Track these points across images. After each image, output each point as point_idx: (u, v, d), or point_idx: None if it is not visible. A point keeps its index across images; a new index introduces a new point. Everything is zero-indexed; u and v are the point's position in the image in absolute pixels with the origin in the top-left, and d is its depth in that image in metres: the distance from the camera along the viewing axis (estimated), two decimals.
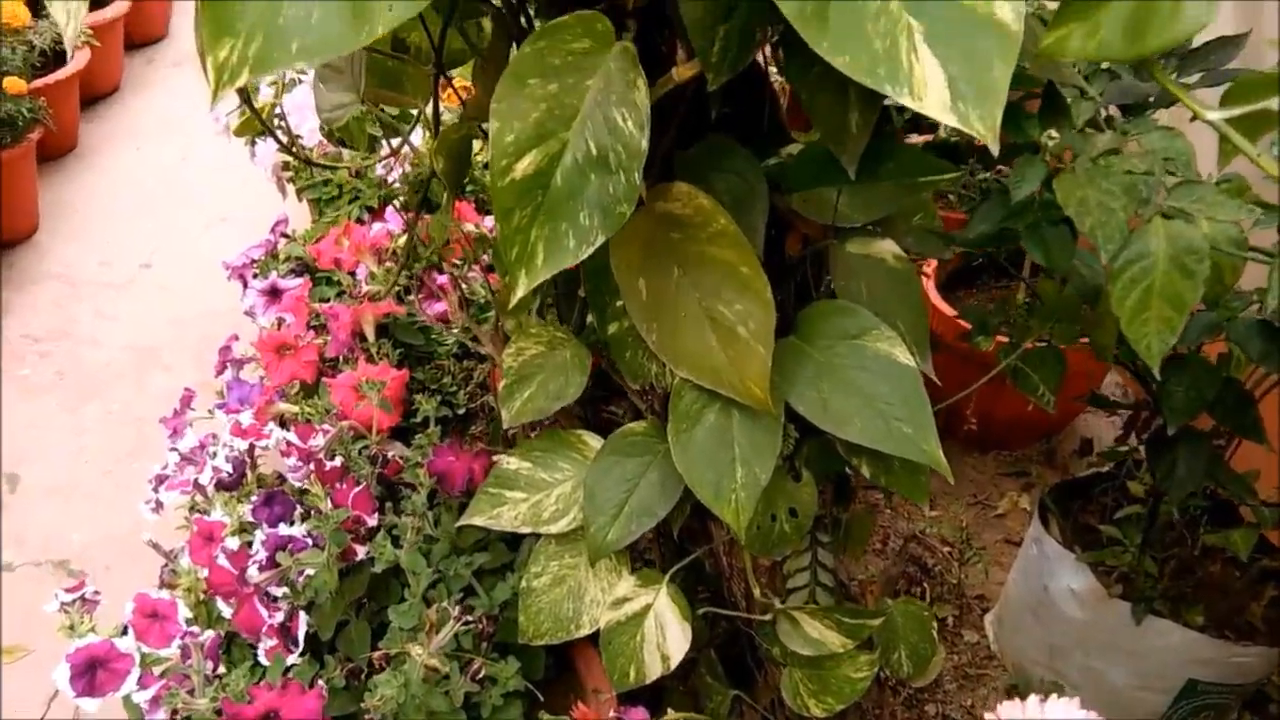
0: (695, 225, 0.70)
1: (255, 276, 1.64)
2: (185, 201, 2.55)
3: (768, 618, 0.89)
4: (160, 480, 1.22)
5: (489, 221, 1.46)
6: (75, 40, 0.54)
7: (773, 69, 0.80)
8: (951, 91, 0.47)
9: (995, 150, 0.47)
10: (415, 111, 0.98)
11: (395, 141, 1.38)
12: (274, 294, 1.53)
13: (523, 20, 0.79)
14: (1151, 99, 1.20)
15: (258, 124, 1.46)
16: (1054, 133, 0.69)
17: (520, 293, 0.59)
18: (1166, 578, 1.23)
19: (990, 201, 0.75)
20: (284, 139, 1.14)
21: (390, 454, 1.24)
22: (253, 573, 1.04)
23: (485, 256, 1.36)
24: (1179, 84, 0.62)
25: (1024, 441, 1.88)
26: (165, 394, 1.95)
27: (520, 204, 0.58)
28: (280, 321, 1.42)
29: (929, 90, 0.47)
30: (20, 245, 2.36)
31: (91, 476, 1.77)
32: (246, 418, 1.24)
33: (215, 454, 1.19)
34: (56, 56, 2.63)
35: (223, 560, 1.04)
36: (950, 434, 1.50)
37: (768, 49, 0.78)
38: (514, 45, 0.81)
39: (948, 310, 1.70)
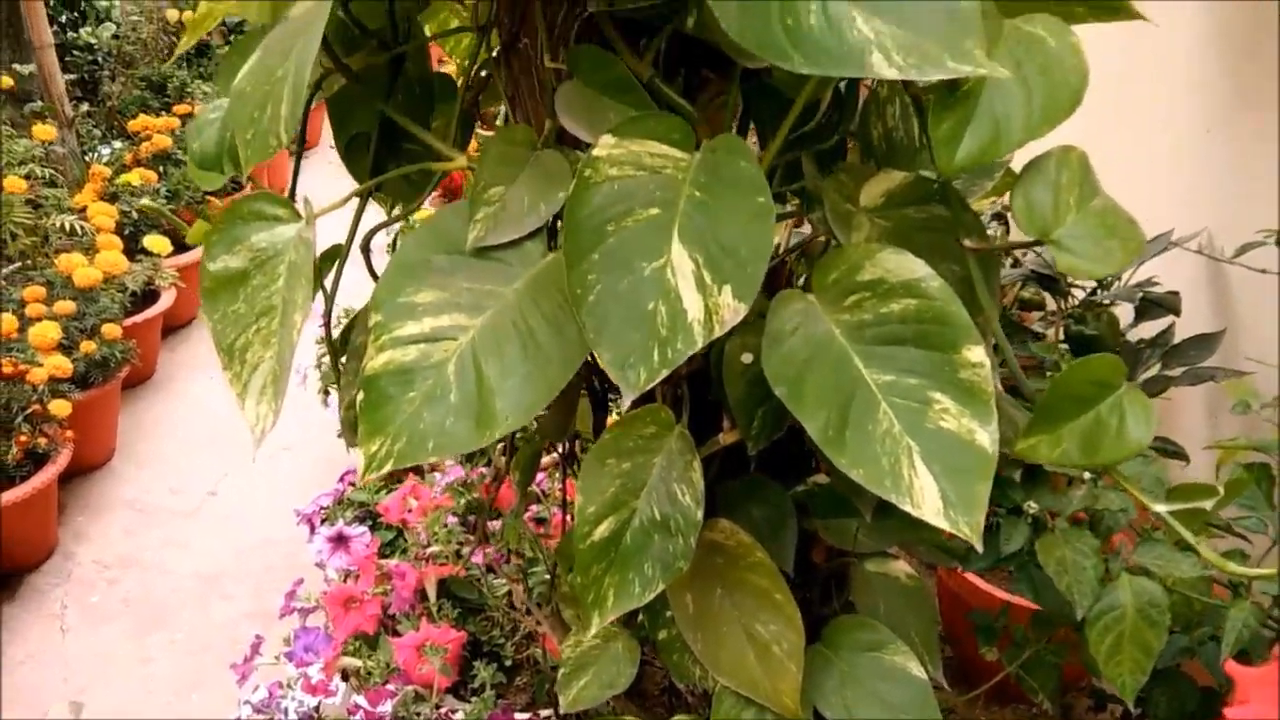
0: (736, 555, 0.82)
1: (323, 522, 1.78)
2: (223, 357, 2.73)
3: None
4: None
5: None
6: (259, 440, 0.69)
7: None
8: (944, 501, 0.60)
9: (980, 549, 0.60)
10: None
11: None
12: (339, 540, 1.66)
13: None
14: None
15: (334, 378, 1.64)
16: (1033, 503, 0.82)
17: (593, 630, 0.71)
18: None
19: (987, 545, 0.87)
20: None
21: (447, 711, 1.32)
22: None
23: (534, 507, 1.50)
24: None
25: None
26: (227, 622, 2.05)
27: (597, 560, 0.71)
28: (348, 574, 1.54)
29: (926, 499, 0.60)
30: (98, 471, 2.54)
31: (154, 708, 1.85)
32: (316, 672, 1.34)
33: (286, 710, 1.28)
34: (146, 295, 2.89)
35: None
36: (969, 682, 1.56)
37: None
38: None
39: None
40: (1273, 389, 1.31)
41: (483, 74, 0.88)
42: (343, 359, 0.91)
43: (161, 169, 3.31)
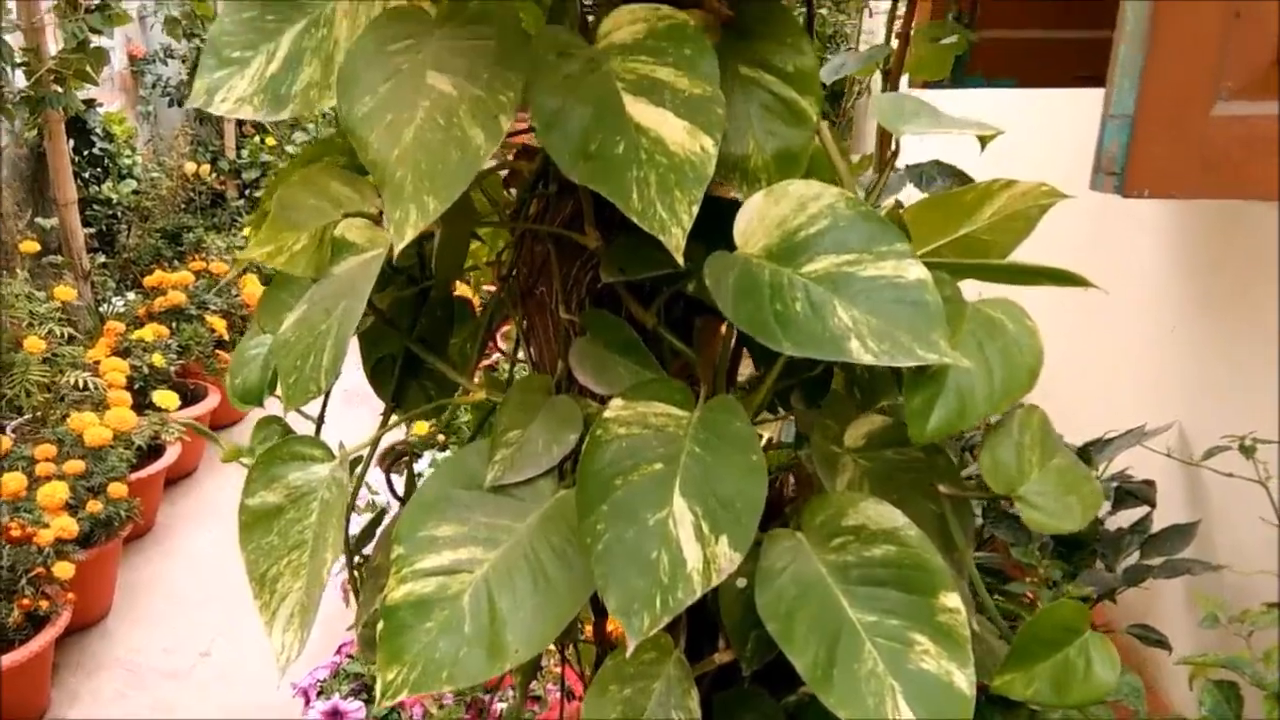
0: None
1: (319, 695, 1.79)
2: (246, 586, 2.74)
3: None
4: None
5: None
6: (283, 669, 0.74)
7: None
8: None
9: None
10: None
11: None
12: (335, 716, 1.67)
13: None
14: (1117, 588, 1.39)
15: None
16: None
17: None
18: None
19: None
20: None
21: None
22: None
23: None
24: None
25: None
26: None
27: None
28: None
29: None
30: (93, 629, 2.54)
31: None
32: None
33: None
34: (152, 449, 2.95)
35: None
36: None
37: None
38: None
39: None
40: (1244, 591, 1.36)
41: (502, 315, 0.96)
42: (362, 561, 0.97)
43: (174, 324, 3.42)
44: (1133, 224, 1.81)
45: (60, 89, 3.32)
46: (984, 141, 0.77)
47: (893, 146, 1.37)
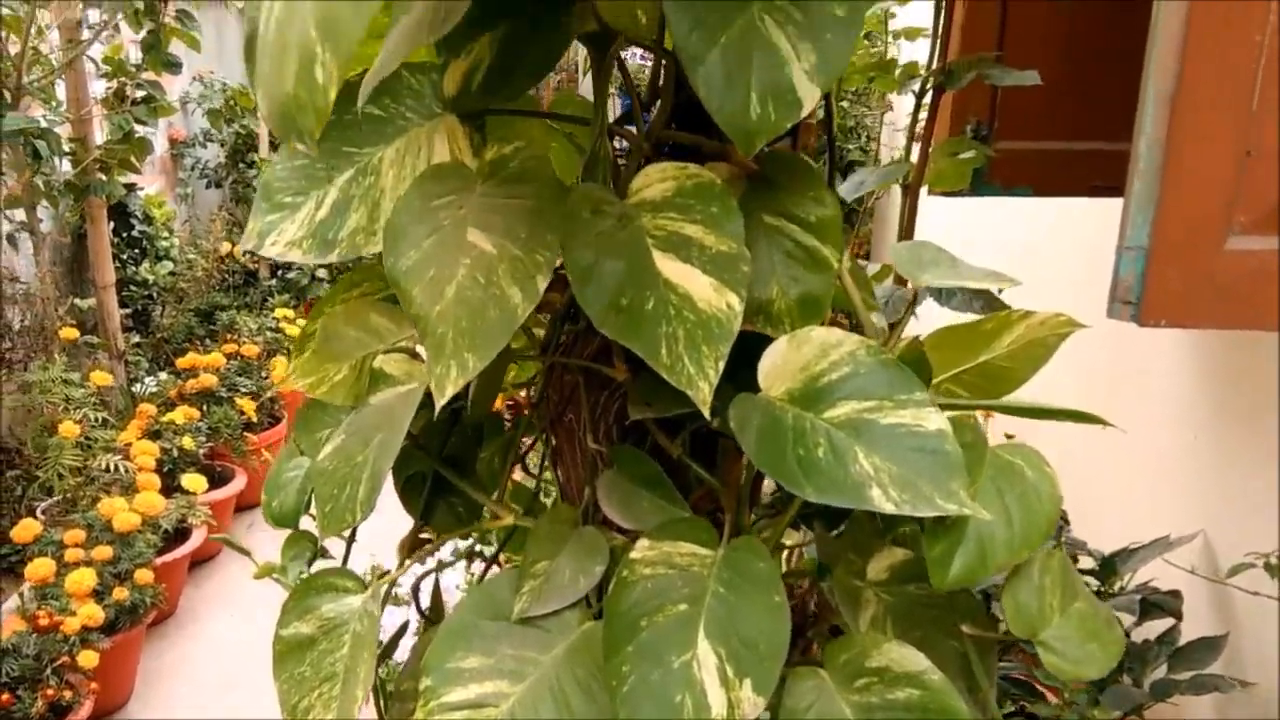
0: None
1: None
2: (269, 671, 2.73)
3: None
4: None
5: None
6: None
7: None
8: None
9: None
10: None
11: None
12: None
13: None
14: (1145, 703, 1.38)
15: None
16: None
17: None
18: None
19: None
20: None
21: None
22: None
23: None
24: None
25: None
26: None
27: None
28: None
29: None
30: (113, 716, 2.53)
31: None
32: None
33: None
34: (178, 532, 2.97)
35: None
36: None
37: None
38: None
39: None
40: (1273, 706, 1.34)
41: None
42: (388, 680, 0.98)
43: (204, 406, 3.47)
44: (1154, 333, 1.82)
45: (104, 177, 3.43)
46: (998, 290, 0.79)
47: None
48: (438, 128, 0.76)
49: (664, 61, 0.78)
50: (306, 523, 0.97)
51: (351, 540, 0.95)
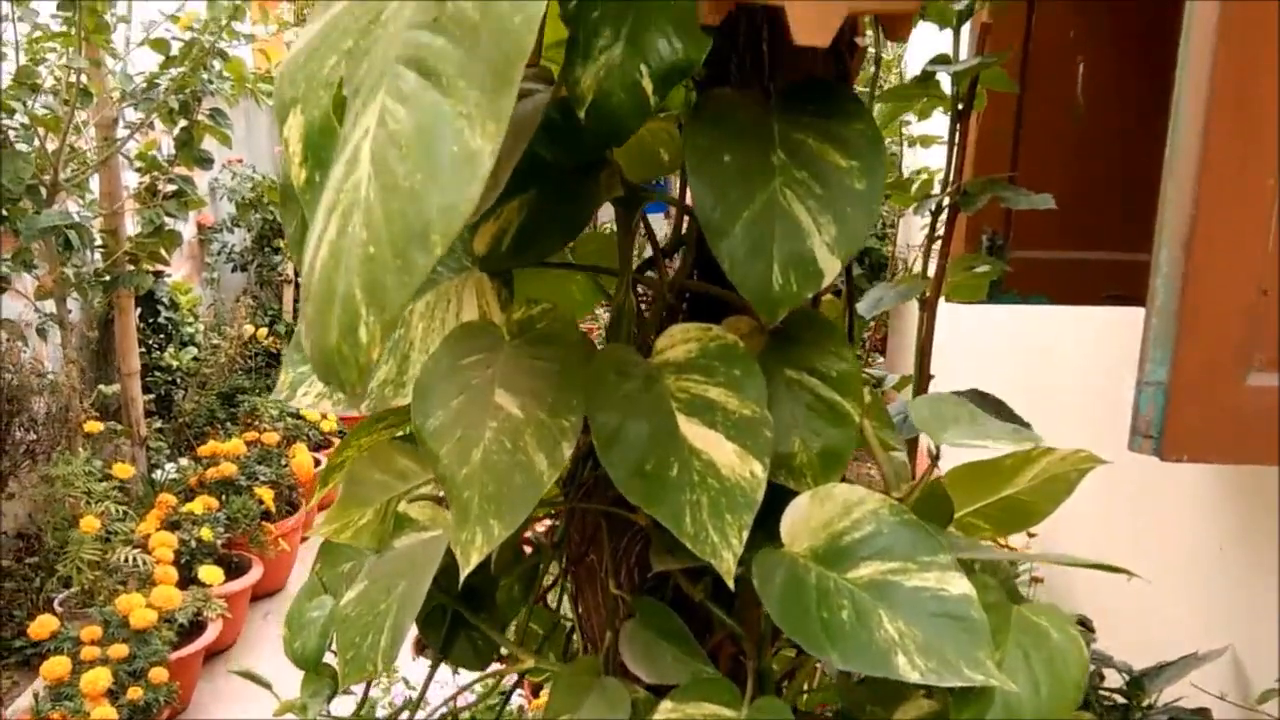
0: None
1: None
2: None
3: None
4: None
5: None
6: None
7: None
8: None
9: None
10: None
11: None
12: None
13: None
14: None
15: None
16: None
17: None
18: None
19: None
20: None
21: None
22: None
23: None
24: None
25: None
26: None
27: None
28: None
29: None
30: None
31: None
32: None
33: None
34: (193, 625, 2.96)
35: None
36: None
37: None
38: None
39: None
40: None
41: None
42: None
43: (223, 495, 3.48)
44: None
45: (133, 268, 3.50)
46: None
47: (930, 369, 1.41)
48: (467, 282, 0.78)
49: (685, 217, 0.80)
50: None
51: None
